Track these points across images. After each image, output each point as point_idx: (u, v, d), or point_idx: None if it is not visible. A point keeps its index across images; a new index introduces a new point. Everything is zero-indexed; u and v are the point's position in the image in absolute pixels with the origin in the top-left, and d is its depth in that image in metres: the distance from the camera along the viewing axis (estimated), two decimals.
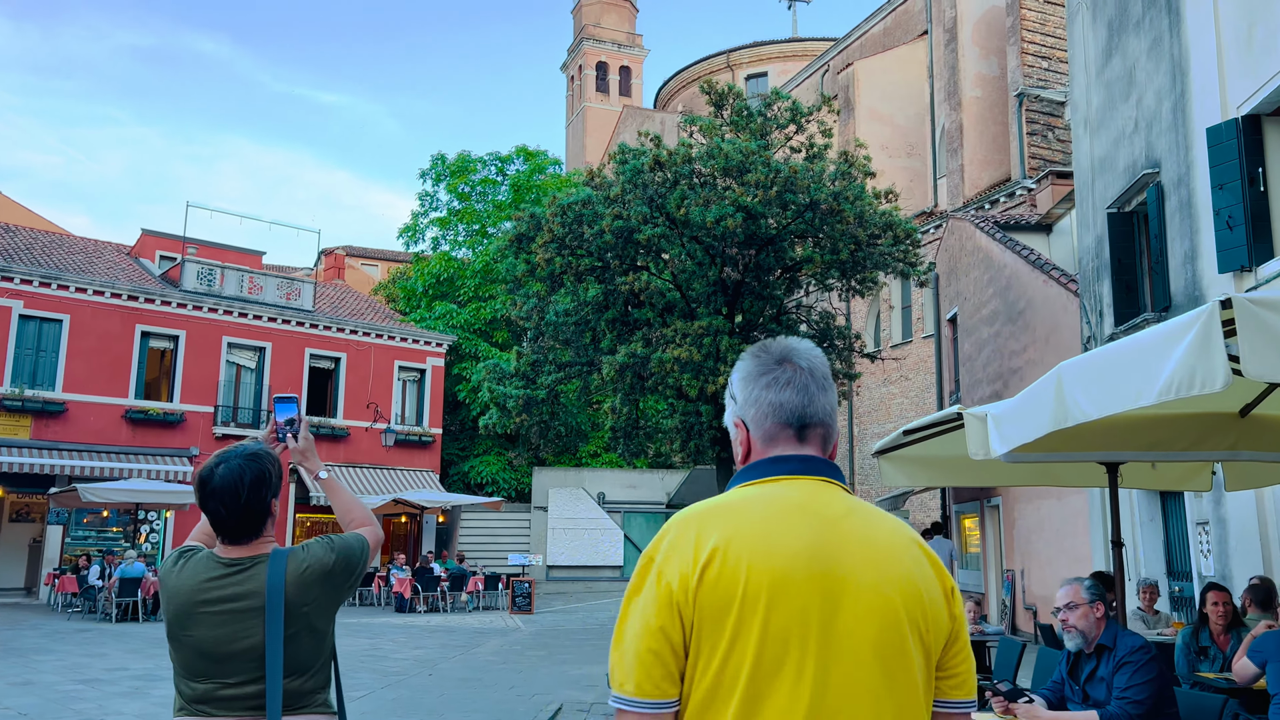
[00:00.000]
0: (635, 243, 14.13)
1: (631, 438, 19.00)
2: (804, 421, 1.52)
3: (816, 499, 1.47)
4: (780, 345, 1.59)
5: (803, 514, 1.43)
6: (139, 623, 18.61)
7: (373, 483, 28.58)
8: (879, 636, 1.38)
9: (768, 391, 1.54)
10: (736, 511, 1.44)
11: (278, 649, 2.32)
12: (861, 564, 1.41)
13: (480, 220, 35.81)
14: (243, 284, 28.30)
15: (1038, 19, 29.52)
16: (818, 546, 1.40)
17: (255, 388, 27.92)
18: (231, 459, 2.50)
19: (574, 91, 73.95)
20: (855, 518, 1.47)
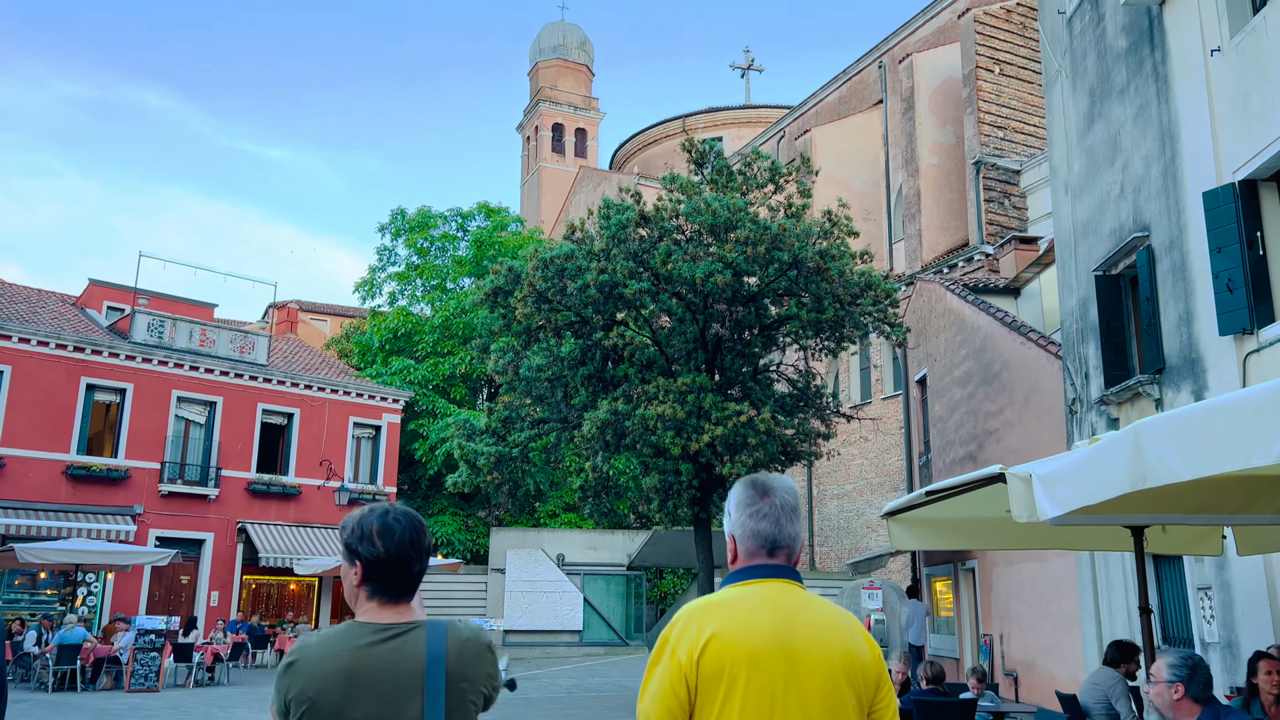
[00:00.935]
0: (618, 298, 13.92)
1: (601, 497, 18.59)
2: (774, 545, 2.23)
3: (781, 596, 2.17)
4: (764, 481, 2.28)
5: (770, 607, 2.13)
6: (77, 692, 17.51)
7: (325, 544, 27.61)
8: (824, 687, 2.08)
9: (751, 520, 2.24)
10: (726, 606, 2.14)
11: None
12: (810, 640, 2.11)
13: (439, 275, 35.43)
14: (195, 336, 27.48)
15: (993, 90, 30.37)
16: (780, 629, 2.09)
17: (204, 443, 26.96)
18: (396, 510, 2.27)
19: (530, 152, 74.40)
20: (807, 609, 2.17)
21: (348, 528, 2.23)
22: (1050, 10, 14.12)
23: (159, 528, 25.42)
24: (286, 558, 26.13)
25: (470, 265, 34.92)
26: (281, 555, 26.18)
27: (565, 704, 16.58)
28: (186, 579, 26.25)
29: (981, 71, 30.32)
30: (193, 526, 26.09)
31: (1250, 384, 9.17)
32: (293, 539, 27.19)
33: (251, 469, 27.49)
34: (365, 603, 2.18)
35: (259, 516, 27.30)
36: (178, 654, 18.77)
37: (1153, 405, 10.79)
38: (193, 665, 19.05)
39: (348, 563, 2.20)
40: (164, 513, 25.67)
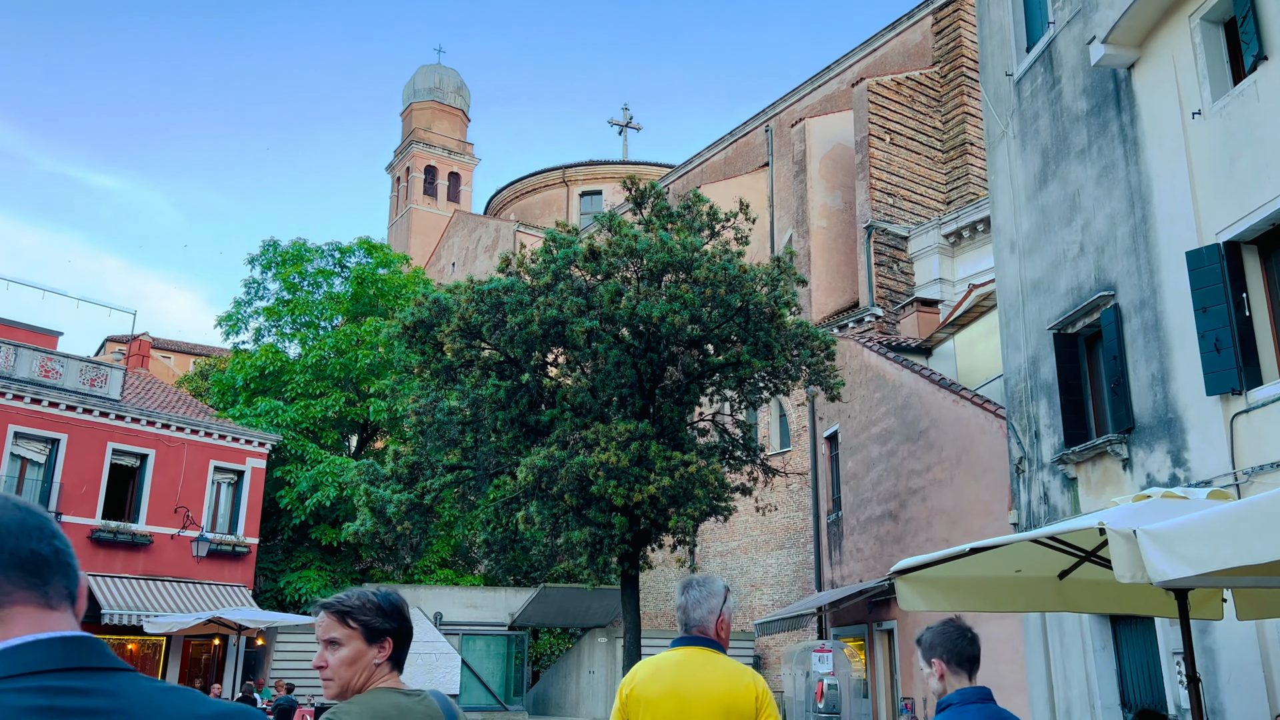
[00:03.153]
0: (557, 336, 13.06)
1: (507, 551, 17.44)
2: (688, 624, 3.51)
3: (689, 658, 3.42)
4: (689, 581, 3.63)
5: (675, 666, 3.40)
6: None
7: (180, 599, 25.08)
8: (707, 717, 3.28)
9: (679, 610, 3.58)
10: (648, 664, 3.47)
11: None
12: (697, 687, 3.31)
13: (312, 313, 33.46)
14: (39, 366, 24.76)
15: (884, 158, 31.27)
16: (674, 681, 3.34)
17: (43, 485, 24.15)
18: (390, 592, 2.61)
19: (399, 193, 72.57)
20: (707, 667, 3.38)
21: (368, 608, 2.47)
22: (994, 72, 14.34)
23: None
24: (134, 614, 23.51)
25: (349, 303, 33.14)
26: (128, 612, 23.54)
27: None
28: None
29: (874, 139, 31.21)
30: None
31: (1239, 445, 9.15)
32: (142, 594, 24.55)
33: (97, 515, 24.78)
34: (386, 675, 2.48)
35: (103, 568, 24.56)
36: None
37: (1119, 465, 10.72)
38: None
39: (369, 641, 2.44)
40: None
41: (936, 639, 3.61)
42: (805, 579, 31.58)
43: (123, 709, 1.08)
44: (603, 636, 29.64)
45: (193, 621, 22.12)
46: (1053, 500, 12.06)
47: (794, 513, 30.94)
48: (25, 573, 1.19)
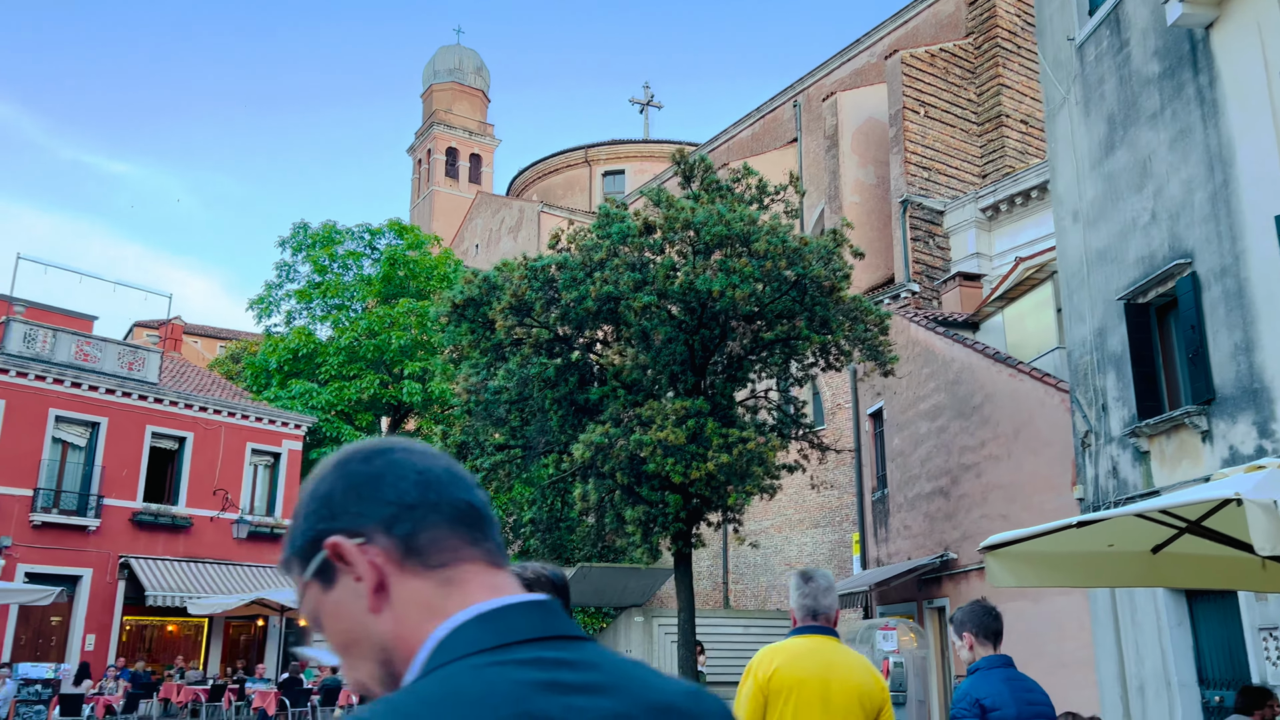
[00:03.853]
0: (610, 313, 12.88)
1: (553, 530, 17.34)
2: (815, 614, 3.65)
3: (820, 645, 3.58)
4: (809, 572, 3.77)
5: (815, 654, 3.54)
6: None
7: (221, 580, 25.18)
8: (845, 704, 3.43)
9: (802, 599, 3.65)
10: (786, 649, 3.60)
11: None
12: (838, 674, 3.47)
13: (343, 295, 33.41)
14: (77, 350, 24.81)
15: (919, 131, 30.83)
16: (819, 667, 3.47)
17: (84, 469, 24.24)
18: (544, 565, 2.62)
19: (421, 175, 72.44)
20: (837, 653, 3.57)
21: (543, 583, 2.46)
22: (1053, 37, 13.98)
23: (29, 562, 22.59)
24: (178, 596, 23.62)
25: (379, 285, 33.05)
26: (172, 594, 23.65)
27: None
28: (58, 620, 23.39)
29: (908, 112, 30.76)
30: (68, 561, 23.32)
31: None
32: (184, 575, 24.67)
33: (138, 498, 24.88)
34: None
35: (145, 551, 24.68)
36: (64, 706, 16.41)
37: (1197, 438, 10.46)
38: (81, 718, 16.69)
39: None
40: (35, 545, 22.85)
41: (967, 616, 4.25)
42: (842, 557, 31.41)
43: (612, 684, 0.91)
44: (639, 615, 29.57)
45: (236, 603, 22.20)
46: (1123, 474, 11.82)
47: (829, 491, 30.74)
48: (466, 526, 1.01)
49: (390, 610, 0.97)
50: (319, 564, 1.00)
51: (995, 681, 3.90)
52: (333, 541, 0.98)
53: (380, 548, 0.98)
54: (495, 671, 0.87)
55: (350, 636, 0.99)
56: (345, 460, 1.04)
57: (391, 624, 0.96)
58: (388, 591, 0.97)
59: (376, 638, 0.97)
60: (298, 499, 1.06)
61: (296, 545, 1.03)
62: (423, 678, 0.89)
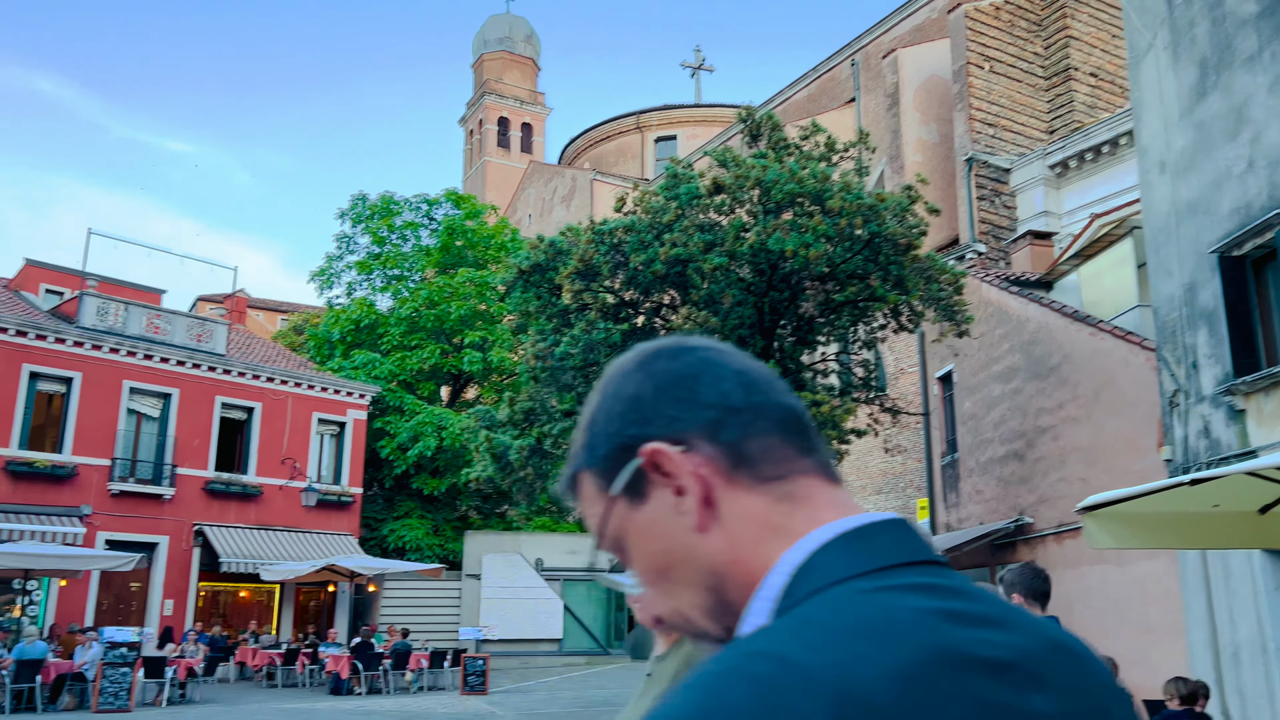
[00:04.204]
0: (682, 276, 12.70)
1: None
2: None
3: None
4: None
5: None
6: (37, 713, 15.51)
7: (290, 547, 25.67)
8: None
9: None
10: None
11: None
12: None
13: (402, 265, 33.64)
14: (148, 323, 25.29)
15: (984, 87, 29.99)
16: None
17: (158, 439, 24.78)
18: None
19: (473, 146, 72.51)
20: None
21: None
22: None
23: (109, 530, 23.22)
24: (251, 563, 24.14)
25: (438, 254, 33.20)
26: (245, 560, 24.18)
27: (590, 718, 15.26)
28: (137, 586, 24.06)
29: (972, 68, 29.92)
30: (146, 529, 23.92)
31: None
32: (255, 542, 25.19)
33: (209, 467, 25.41)
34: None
35: (217, 519, 25.23)
36: (148, 669, 16.86)
37: None
38: (165, 682, 17.14)
39: None
40: (114, 514, 23.47)
41: (1016, 578, 4.30)
42: None
43: (1005, 616, 0.76)
44: None
45: (308, 569, 22.61)
46: (1215, 434, 11.41)
47: (892, 457, 30.38)
48: (796, 433, 0.87)
49: (721, 528, 0.83)
50: (630, 475, 0.86)
51: None
52: (652, 449, 0.83)
53: (705, 456, 0.83)
54: (889, 598, 0.73)
55: (668, 559, 0.85)
56: (649, 359, 0.90)
57: (724, 544, 0.82)
58: (715, 507, 0.83)
59: (704, 560, 0.83)
60: (591, 405, 0.91)
61: (598, 454, 0.88)
62: (804, 604, 0.75)
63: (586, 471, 0.90)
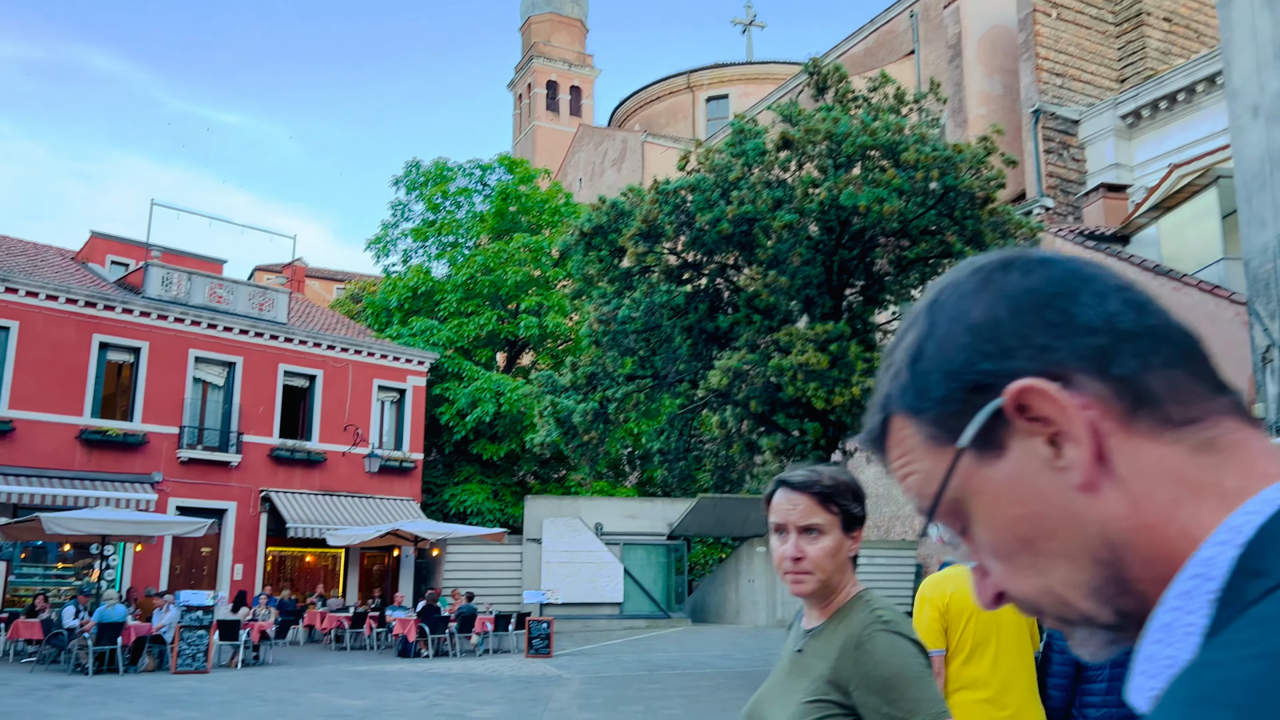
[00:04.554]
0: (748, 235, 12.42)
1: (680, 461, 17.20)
2: None
3: None
4: None
5: None
6: (119, 674, 15.92)
7: (354, 512, 26.03)
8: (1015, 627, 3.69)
9: None
10: (954, 578, 3.78)
11: None
12: None
13: (457, 232, 33.66)
14: (210, 292, 25.62)
15: (1051, 35, 28.98)
16: None
17: (224, 407, 25.19)
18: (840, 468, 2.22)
19: (522, 110, 72.26)
20: None
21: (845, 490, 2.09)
22: None
23: (179, 496, 23.72)
24: (317, 528, 24.52)
25: (493, 220, 33.15)
26: (311, 525, 24.57)
27: (667, 680, 15.23)
28: (208, 551, 24.60)
29: (1039, 15, 28.90)
30: (214, 495, 24.40)
31: None
32: (321, 508, 25.58)
33: (274, 434, 25.79)
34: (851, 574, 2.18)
35: (283, 485, 25.64)
36: (223, 631, 17.21)
37: None
38: (239, 644, 17.50)
39: (845, 529, 2.07)
40: (184, 480, 23.96)
41: None
42: None
43: None
44: (761, 546, 29.52)
45: (372, 534, 22.90)
46: None
47: None
48: (1204, 365, 0.65)
49: (1118, 487, 0.62)
50: (985, 420, 0.66)
51: None
52: (1024, 386, 0.63)
53: (1092, 395, 0.63)
54: None
55: (1038, 527, 0.64)
56: (996, 272, 0.68)
57: (1123, 506, 0.62)
58: (1108, 460, 0.63)
59: (1093, 527, 0.63)
60: (913, 335, 0.70)
61: (932, 396, 0.67)
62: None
63: (909, 418, 0.69)
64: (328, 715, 11.68)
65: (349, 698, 13.28)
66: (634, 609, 28.34)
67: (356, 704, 12.67)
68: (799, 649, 2.16)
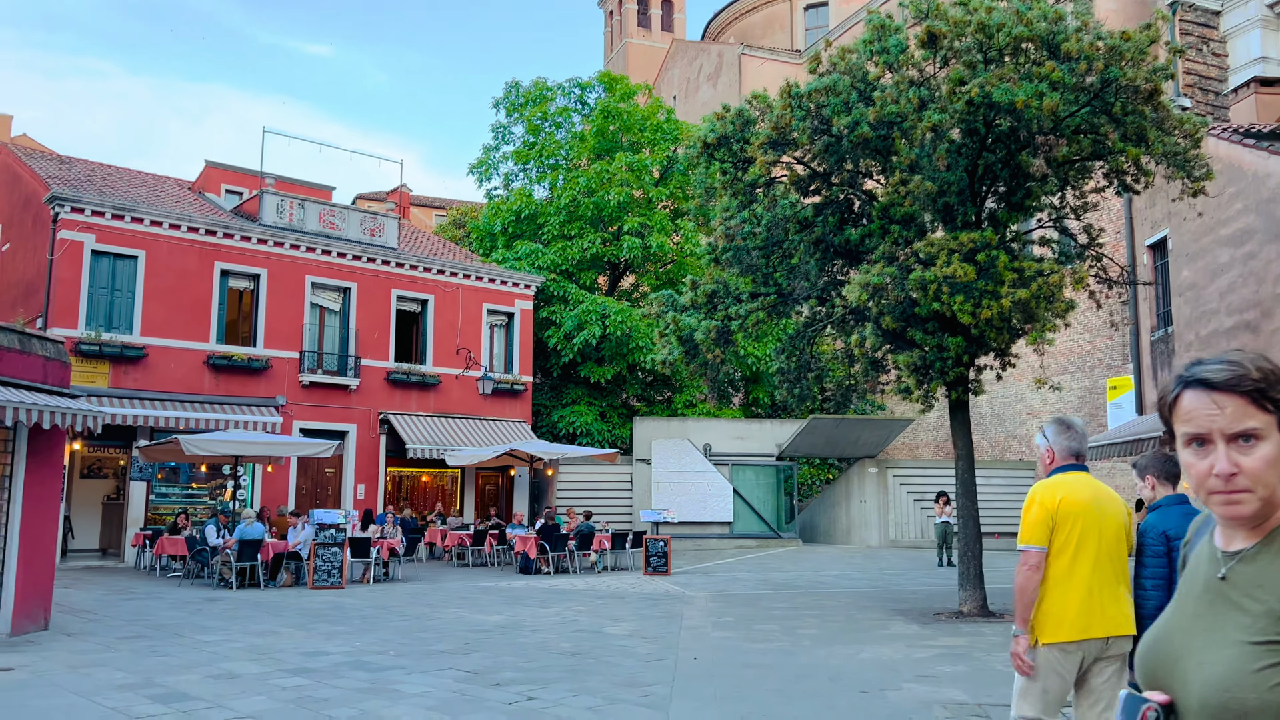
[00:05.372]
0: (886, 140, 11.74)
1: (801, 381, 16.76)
2: (1077, 454, 4.40)
3: (1085, 480, 4.33)
4: (1067, 420, 4.45)
5: (1086, 486, 4.28)
6: (261, 589, 16.55)
7: (470, 434, 26.45)
8: (1113, 526, 4.22)
9: (1066, 441, 4.39)
10: (1065, 484, 4.27)
11: None
12: (1106, 503, 4.27)
13: (557, 153, 33.29)
14: (323, 219, 25.92)
15: None
16: (1093, 498, 4.25)
17: (341, 332, 25.66)
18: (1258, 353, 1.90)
19: (613, 27, 70.93)
20: (1099, 486, 4.34)
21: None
22: None
23: (302, 419, 24.40)
24: (436, 449, 25.01)
25: (594, 140, 32.66)
26: (430, 446, 25.06)
27: (781, 599, 15.11)
28: (331, 472, 25.35)
29: None
30: (335, 418, 25.03)
31: None
32: (437, 430, 26.05)
33: (390, 358, 26.22)
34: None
35: (399, 407, 26.16)
36: (355, 549, 17.71)
37: None
38: (370, 561, 18.00)
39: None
40: (306, 404, 24.59)
41: (1150, 462, 4.73)
42: (1093, 404, 29.49)
43: None
44: (873, 466, 29.10)
45: (490, 454, 23.22)
46: None
47: (1078, 334, 28.65)
48: None
49: None
50: None
51: (1175, 516, 4.48)
52: None
53: None
54: None
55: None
56: None
57: None
58: None
59: None
60: None
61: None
62: None
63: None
64: (469, 629, 11.87)
65: (485, 613, 13.50)
66: (744, 529, 28.35)
67: (494, 619, 12.87)
68: (1220, 575, 1.73)
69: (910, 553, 26.58)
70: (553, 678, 8.66)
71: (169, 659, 9.54)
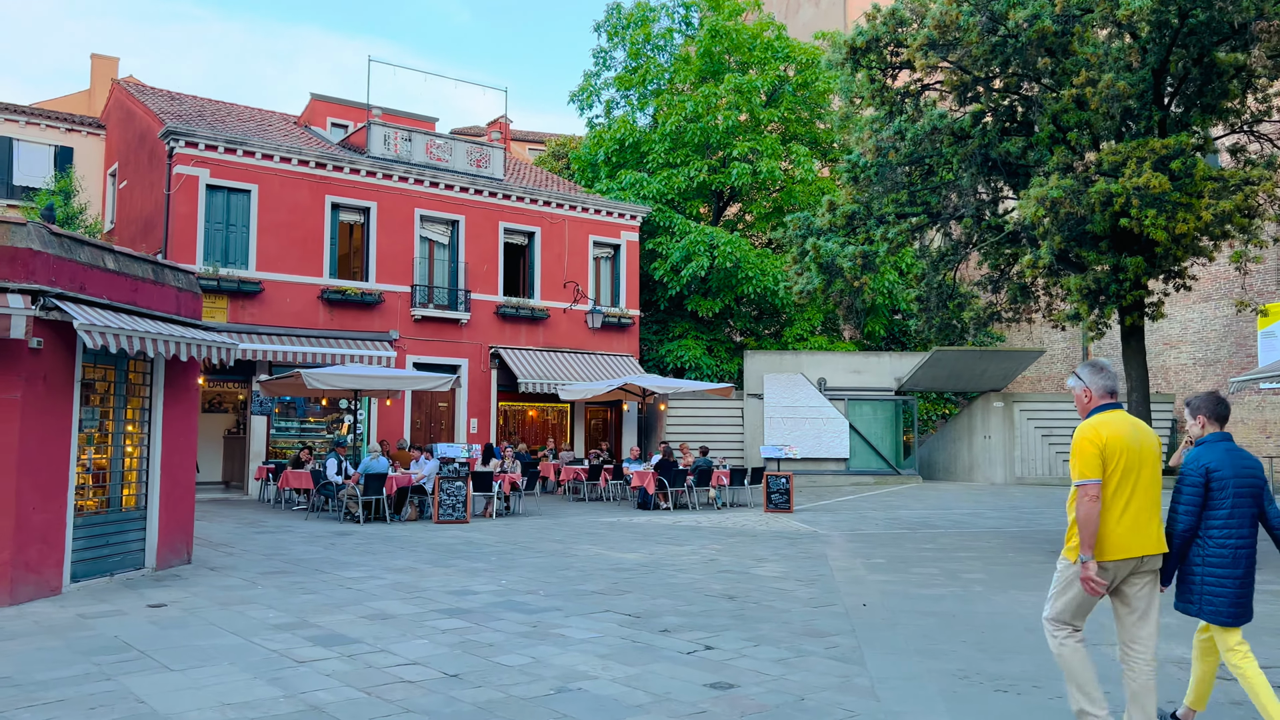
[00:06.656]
0: (1062, 37, 10.52)
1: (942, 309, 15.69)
2: (1114, 392, 4.85)
3: (1124, 417, 4.74)
4: (1100, 363, 4.93)
5: (1124, 421, 4.71)
6: (387, 523, 16.44)
7: (580, 368, 26.03)
8: (1149, 458, 4.66)
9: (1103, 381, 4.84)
10: (1106, 422, 4.69)
11: None
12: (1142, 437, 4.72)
13: (661, 78, 32.11)
14: (430, 150, 25.46)
15: None
16: (1131, 432, 4.69)
17: (450, 265, 25.34)
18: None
19: None
20: (1134, 421, 4.77)
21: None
22: None
23: (415, 353, 24.26)
24: (548, 383, 24.66)
25: (700, 62, 31.38)
26: (542, 380, 24.72)
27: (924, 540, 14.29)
28: (444, 406, 25.25)
29: None
30: (447, 352, 24.84)
31: None
32: (547, 364, 25.68)
33: (499, 292, 25.85)
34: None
35: (509, 341, 25.84)
36: (477, 482, 17.45)
37: None
38: (492, 495, 17.75)
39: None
40: (418, 338, 24.43)
41: (1202, 402, 5.11)
42: (1240, 333, 27.54)
43: None
44: (998, 401, 27.80)
45: (603, 389, 22.73)
46: None
47: (1222, 263, 26.67)
48: None
49: None
50: None
51: (1218, 451, 4.86)
52: None
53: None
54: None
55: None
56: None
57: None
58: None
59: None
60: None
61: None
62: None
63: None
64: (611, 568, 11.40)
65: (619, 550, 13.04)
66: (860, 465, 27.47)
67: (631, 557, 12.39)
68: None
69: (1039, 489, 25.38)
70: (720, 624, 8.07)
71: (317, 597, 9.26)
